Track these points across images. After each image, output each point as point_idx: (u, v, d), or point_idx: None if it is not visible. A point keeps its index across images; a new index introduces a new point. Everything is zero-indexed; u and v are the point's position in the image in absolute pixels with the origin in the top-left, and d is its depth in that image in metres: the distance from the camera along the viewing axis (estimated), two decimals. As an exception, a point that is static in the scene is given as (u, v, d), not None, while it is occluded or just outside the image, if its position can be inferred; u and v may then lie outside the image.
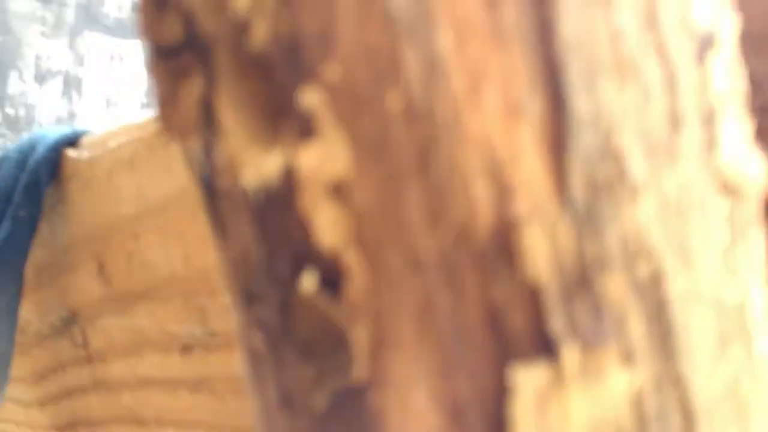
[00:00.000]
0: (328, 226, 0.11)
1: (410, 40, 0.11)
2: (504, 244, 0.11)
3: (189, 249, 0.35)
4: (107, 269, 0.40)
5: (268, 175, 0.12)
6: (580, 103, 0.11)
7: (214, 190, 0.13)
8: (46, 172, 0.40)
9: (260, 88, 0.12)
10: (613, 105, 0.11)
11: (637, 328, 0.11)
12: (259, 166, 0.12)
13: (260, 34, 0.11)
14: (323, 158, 0.11)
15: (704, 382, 0.12)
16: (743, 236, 0.12)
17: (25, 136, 0.43)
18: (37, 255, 0.44)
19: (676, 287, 0.11)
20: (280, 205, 0.12)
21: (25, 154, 0.41)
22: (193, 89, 0.12)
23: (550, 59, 0.11)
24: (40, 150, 0.40)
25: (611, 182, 0.11)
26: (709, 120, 0.12)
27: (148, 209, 0.36)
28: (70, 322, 0.45)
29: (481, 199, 0.11)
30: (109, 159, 0.38)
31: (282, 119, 0.12)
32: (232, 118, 0.12)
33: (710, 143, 0.12)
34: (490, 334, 0.11)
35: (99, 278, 0.41)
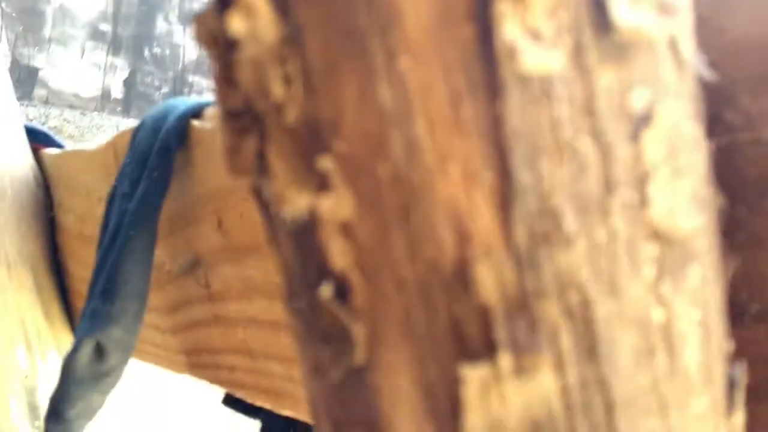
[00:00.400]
0: (338, 254, 0.16)
1: (395, 127, 0.14)
2: (463, 275, 0.15)
3: (289, 214, 0.40)
4: (224, 224, 0.46)
5: (300, 211, 0.16)
6: (523, 176, 0.14)
7: (268, 214, 0.18)
8: (175, 139, 0.46)
9: (296, 148, 0.16)
10: (552, 176, 0.14)
11: (566, 341, 0.15)
12: (294, 204, 0.16)
13: (292, 115, 0.15)
14: (335, 206, 0.15)
15: (625, 382, 0.15)
16: (672, 272, 0.15)
17: (160, 105, 0.49)
18: (169, 207, 0.51)
19: (601, 311, 0.15)
20: (307, 234, 0.16)
21: (159, 122, 0.47)
22: (250, 143, 0.17)
23: (500, 144, 0.14)
24: (171, 119, 0.46)
25: (548, 233, 0.14)
26: (641, 184, 0.15)
27: (257, 177, 0.41)
28: (195, 265, 0.52)
29: (446, 242, 0.15)
30: (225, 131, 0.43)
31: (309, 173, 0.16)
32: (277, 165, 0.16)
33: (642, 202, 0.15)
34: (452, 338, 0.15)
35: (218, 231, 0.47)
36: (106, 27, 3.27)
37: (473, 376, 0.14)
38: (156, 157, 0.44)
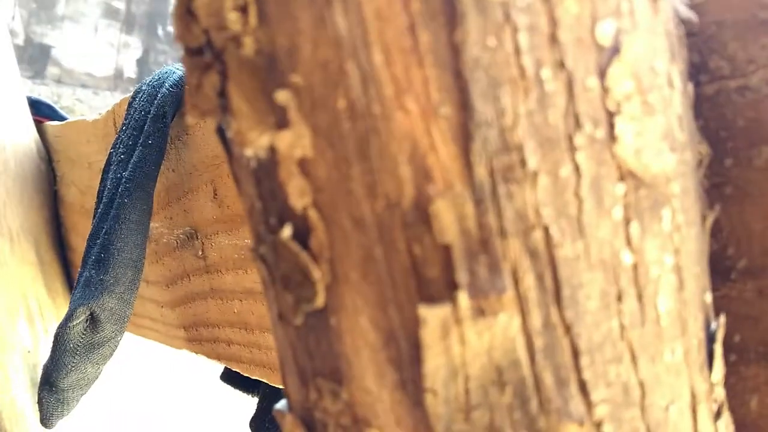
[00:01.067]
0: (297, 193, 0.15)
1: (352, 57, 0.14)
2: (422, 213, 0.14)
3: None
4: (219, 193, 0.46)
5: (261, 150, 0.15)
6: (482, 108, 0.13)
7: (230, 155, 0.17)
8: (171, 105, 0.45)
9: (256, 83, 0.15)
10: (514, 109, 0.13)
11: (528, 282, 0.14)
12: (255, 143, 0.15)
13: (249, 47, 0.15)
14: (293, 142, 0.15)
15: (592, 327, 0.14)
16: (642, 214, 0.15)
17: (157, 72, 0.49)
18: (167, 177, 0.51)
19: (566, 251, 0.14)
20: (268, 173, 0.16)
21: (155, 88, 0.47)
22: (212, 80, 0.16)
23: (459, 74, 0.13)
24: (167, 86, 0.46)
25: (510, 169, 0.14)
26: (609, 119, 0.14)
27: (249, 144, 0.41)
28: (192, 236, 0.51)
29: (405, 178, 0.14)
30: (219, 98, 0.43)
31: (269, 109, 0.15)
32: (238, 102, 0.16)
33: (609, 138, 0.14)
34: (413, 279, 0.14)
35: (213, 201, 0.47)
36: (119, 4, 3.26)
37: (432, 317, 0.14)
38: (151, 123, 0.44)
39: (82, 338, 0.45)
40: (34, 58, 3.18)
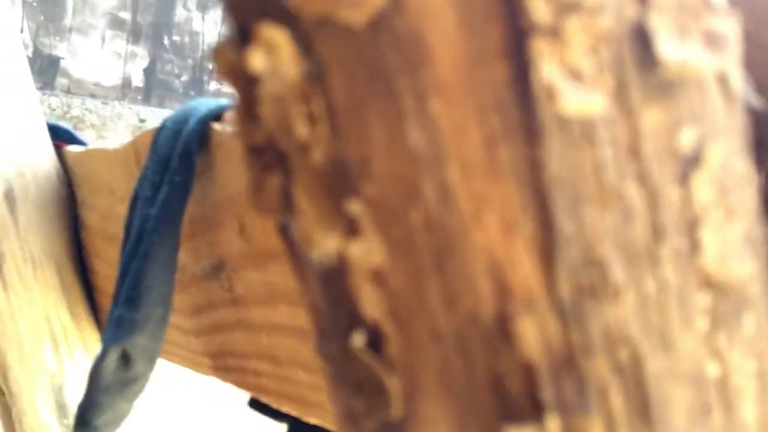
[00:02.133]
0: (370, 302, 0.15)
1: (427, 171, 0.13)
2: (504, 328, 0.14)
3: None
4: (247, 229, 0.46)
5: (328, 254, 0.15)
6: (565, 224, 0.13)
7: (294, 251, 0.17)
8: (196, 142, 0.45)
9: (324, 188, 0.15)
10: (596, 224, 0.13)
11: (617, 400, 0.14)
12: (322, 246, 0.15)
13: (318, 156, 0.14)
14: (366, 252, 0.14)
15: (679, 442, 0.14)
16: (726, 322, 0.14)
17: (179, 109, 0.49)
18: (191, 209, 0.51)
19: (653, 367, 0.14)
20: (336, 278, 0.15)
21: (179, 125, 0.47)
22: (275, 181, 0.16)
23: (540, 191, 0.13)
24: (191, 123, 0.46)
25: (594, 285, 0.13)
26: (691, 229, 0.13)
27: (279, 183, 0.41)
28: (218, 268, 0.51)
29: (484, 294, 0.14)
30: (246, 136, 0.42)
31: (337, 214, 0.15)
32: (303, 204, 0.15)
33: (693, 248, 0.14)
34: (493, 395, 0.14)
35: (240, 236, 0.47)
36: (125, 15, 3.28)
37: (516, 438, 0.13)
38: (177, 161, 0.44)
39: (114, 376, 0.45)
40: (44, 69, 3.19)
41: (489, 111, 0.13)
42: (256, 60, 0.14)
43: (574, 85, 0.12)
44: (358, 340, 0.15)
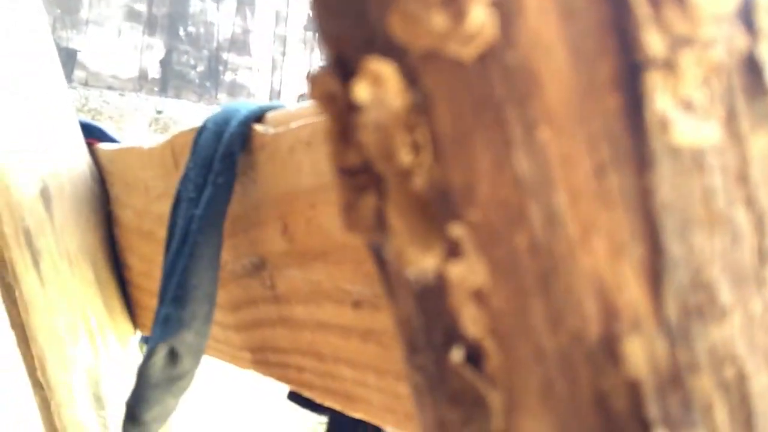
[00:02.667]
0: (471, 320, 0.15)
1: (534, 198, 0.14)
2: (610, 348, 0.14)
3: (360, 222, 0.40)
4: (290, 229, 0.46)
5: (425, 272, 0.16)
6: (674, 249, 0.13)
7: (385, 269, 0.17)
8: (238, 144, 0.46)
9: (422, 212, 0.15)
10: (704, 248, 0.13)
11: (721, 416, 0.14)
12: (419, 263, 0.16)
13: (419, 181, 0.15)
14: (467, 273, 0.15)
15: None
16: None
17: (220, 110, 0.49)
18: (232, 208, 0.51)
19: (758, 384, 0.14)
20: (434, 296, 0.16)
21: (221, 126, 0.47)
22: (368, 201, 0.16)
23: (649, 216, 0.13)
24: (233, 124, 0.46)
25: (701, 307, 0.14)
26: (795, 249, 0.14)
27: (324, 184, 0.41)
28: (259, 267, 0.52)
29: (590, 314, 0.14)
30: (290, 137, 0.43)
31: (435, 240, 0.15)
32: (398, 225, 0.16)
33: (796, 267, 0.14)
34: (598, 413, 0.14)
35: (283, 236, 0.47)
36: (141, 7, 3.28)
37: (623, 455, 0.14)
38: (220, 162, 0.44)
39: (163, 373, 0.46)
40: (61, 62, 3.20)
41: (599, 140, 0.13)
42: (363, 92, 0.14)
43: (687, 116, 0.13)
44: (458, 355, 0.15)
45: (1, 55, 0.72)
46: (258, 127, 0.46)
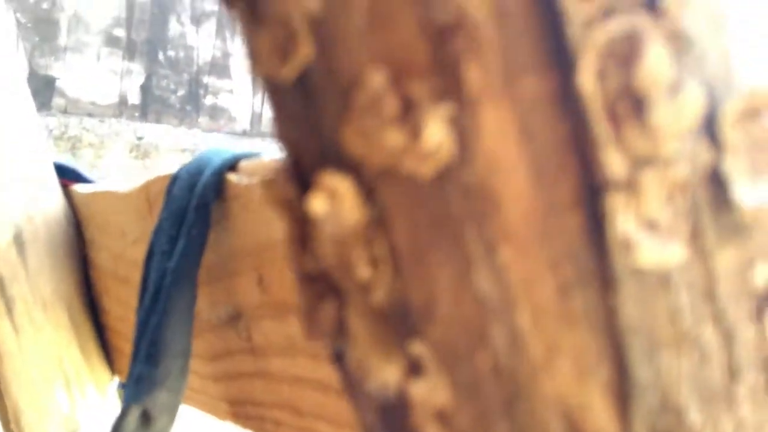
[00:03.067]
0: (436, 440, 0.14)
1: (496, 318, 0.13)
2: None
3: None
4: (265, 280, 0.45)
5: (387, 385, 0.15)
6: (641, 371, 0.13)
7: (348, 377, 0.17)
8: (211, 194, 0.45)
9: (383, 326, 0.15)
10: (672, 369, 0.13)
11: None
12: (379, 377, 0.15)
13: (379, 296, 0.14)
14: (429, 392, 0.14)
15: None
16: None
17: (193, 159, 0.48)
18: (207, 256, 0.51)
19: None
20: (396, 411, 0.15)
21: (194, 176, 0.47)
22: (329, 308, 0.16)
23: (615, 337, 0.13)
24: (206, 174, 0.46)
25: (671, 430, 0.13)
26: (766, 366, 0.13)
27: (299, 238, 0.41)
28: (235, 317, 0.51)
29: (557, 438, 0.13)
30: (264, 190, 0.42)
31: (397, 350, 0.15)
32: (359, 334, 0.15)
33: (768, 385, 0.13)
34: None
35: (258, 287, 0.46)
36: (120, 32, 3.28)
37: None
38: (193, 213, 0.44)
39: (135, 434, 0.45)
40: (39, 90, 3.19)
41: (562, 260, 0.13)
42: (318, 206, 0.14)
43: (650, 236, 0.12)
44: (424, 477, 0.15)
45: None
46: (231, 177, 0.45)
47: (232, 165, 0.46)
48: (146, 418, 0.44)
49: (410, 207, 0.13)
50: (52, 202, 0.77)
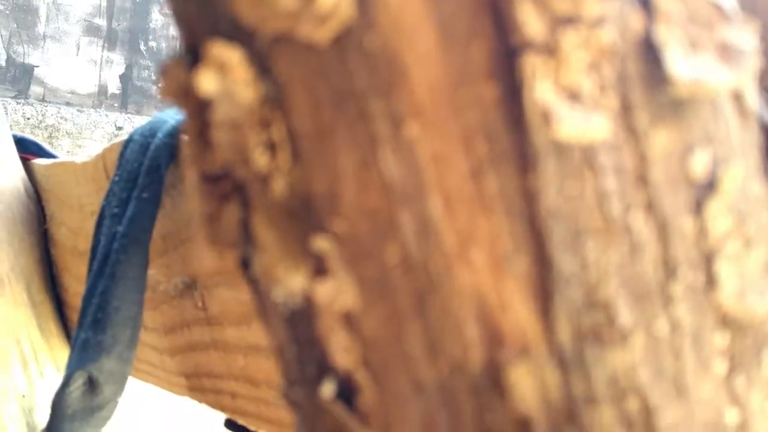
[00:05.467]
0: (341, 349, 0.13)
1: (405, 205, 0.12)
2: (494, 379, 0.12)
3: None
4: (220, 246, 0.44)
5: (293, 294, 0.13)
6: (564, 262, 0.11)
7: (257, 290, 0.15)
8: (164, 157, 0.43)
9: (287, 222, 0.13)
10: (599, 261, 0.12)
11: (623, 457, 0.12)
12: (286, 285, 0.13)
13: (278, 187, 0.13)
14: (335, 293, 0.13)
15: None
16: (745, 363, 0.13)
17: (148, 122, 0.47)
18: (163, 224, 0.49)
19: (666, 418, 0.12)
20: (303, 320, 0.14)
21: (147, 138, 0.45)
22: (232, 212, 0.14)
23: (534, 224, 0.11)
24: (160, 136, 0.44)
25: (598, 330, 0.12)
26: (706, 263, 0.12)
27: (251, 198, 0.39)
28: (191, 286, 0.49)
29: (472, 340, 0.12)
30: (217, 149, 0.41)
31: (300, 256, 0.13)
32: (264, 238, 0.14)
33: (709, 284, 0.12)
34: (483, 454, 0.12)
35: (213, 252, 0.45)
36: (100, 21, 3.23)
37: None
38: (145, 176, 0.42)
39: (80, 403, 0.43)
40: (17, 78, 3.14)
41: (474, 136, 0.11)
42: (206, 82, 0.12)
43: (571, 107, 0.11)
44: (328, 390, 0.13)
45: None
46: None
47: (186, 126, 0.44)
48: (92, 385, 0.42)
49: (309, 81, 0.12)
50: (12, 176, 0.75)
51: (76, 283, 0.73)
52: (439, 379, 0.12)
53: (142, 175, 0.43)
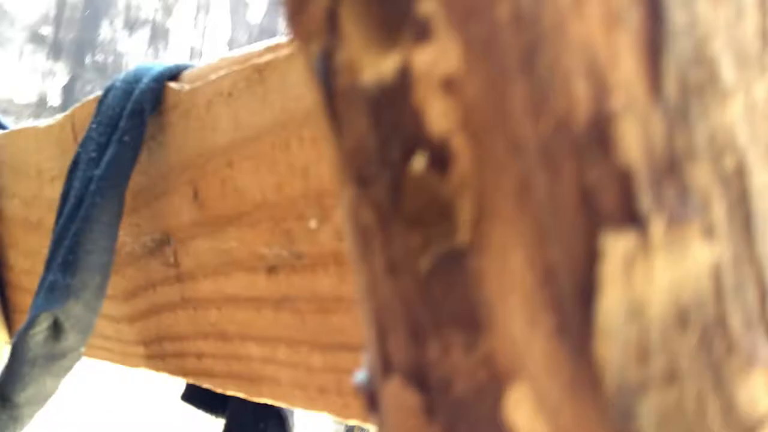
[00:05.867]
0: (438, 116, 0.13)
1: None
2: (599, 133, 0.12)
3: (280, 176, 0.37)
4: (201, 194, 0.43)
5: (385, 74, 0.13)
6: (676, 15, 0.12)
7: (332, 90, 0.15)
8: (149, 101, 0.43)
9: (376, 4, 0.13)
10: (708, 18, 0.12)
11: (719, 211, 0.12)
12: (376, 66, 0.14)
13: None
14: (437, 57, 0.13)
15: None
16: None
17: (131, 68, 0.46)
18: (135, 181, 0.47)
19: (757, 180, 0.13)
20: (394, 99, 0.14)
21: (131, 84, 0.44)
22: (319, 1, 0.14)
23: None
24: (145, 81, 0.43)
25: (703, 85, 0.12)
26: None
27: (243, 138, 0.39)
28: (163, 243, 0.48)
29: (579, 95, 0.12)
30: (209, 90, 0.40)
31: (399, 27, 0.13)
32: (353, 25, 0.14)
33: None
34: (583, 209, 0.12)
35: (193, 203, 0.44)
36: (47, 30, 3.18)
37: (615, 248, 0.12)
38: (128, 119, 0.41)
39: (42, 347, 0.41)
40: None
41: None
42: None
43: None
44: (420, 162, 0.13)
45: None
46: (172, 84, 0.43)
47: (174, 74, 0.44)
48: (56, 330, 0.40)
49: None
50: (-38, 144, 0.72)
51: (23, 259, 0.70)
52: (541, 138, 0.13)
53: (124, 119, 0.42)
